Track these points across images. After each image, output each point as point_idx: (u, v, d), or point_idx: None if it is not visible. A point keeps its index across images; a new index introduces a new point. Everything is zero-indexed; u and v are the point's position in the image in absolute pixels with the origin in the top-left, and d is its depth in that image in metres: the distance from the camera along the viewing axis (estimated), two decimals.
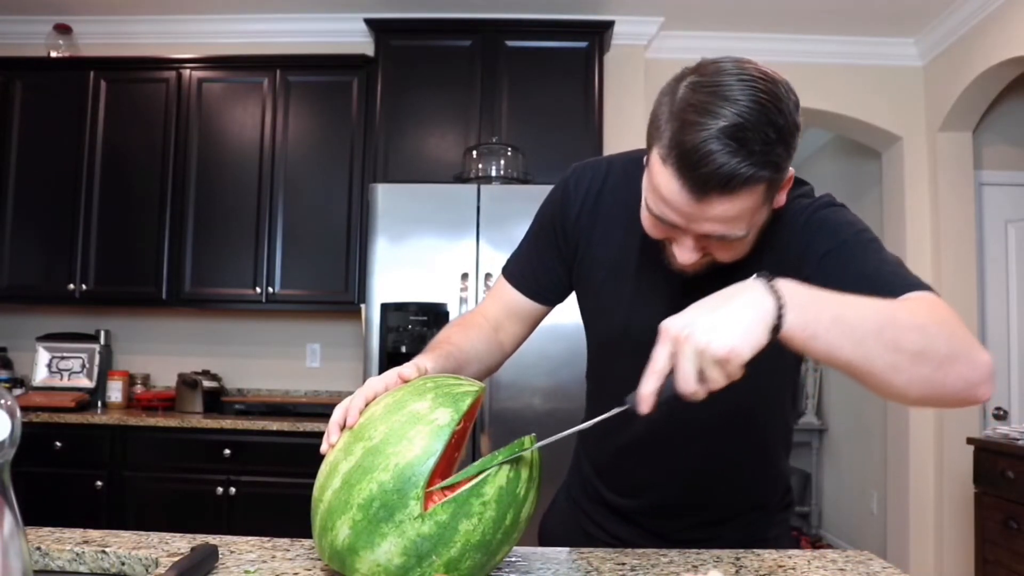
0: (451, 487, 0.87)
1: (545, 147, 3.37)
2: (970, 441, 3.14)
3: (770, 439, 1.16)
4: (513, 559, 1.02)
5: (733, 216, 0.85)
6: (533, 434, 0.92)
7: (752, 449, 1.14)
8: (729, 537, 1.13)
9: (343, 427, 0.91)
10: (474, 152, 3.28)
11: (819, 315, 0.74)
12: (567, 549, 1.09)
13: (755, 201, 0.85)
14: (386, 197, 3.08)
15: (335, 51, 3.72)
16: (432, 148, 3.45)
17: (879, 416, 4.37)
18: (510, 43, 3.48)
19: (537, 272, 1.17)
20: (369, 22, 3.53)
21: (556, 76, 3.46)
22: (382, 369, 3.00)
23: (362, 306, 3.23)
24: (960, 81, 3.62)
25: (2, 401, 0.68)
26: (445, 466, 0.88)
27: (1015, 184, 3.90)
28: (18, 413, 0.69)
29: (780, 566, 1.02)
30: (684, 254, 0.91)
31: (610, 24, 3.51)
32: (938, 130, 3.82)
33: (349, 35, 3.80)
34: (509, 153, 3.25)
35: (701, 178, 0.81)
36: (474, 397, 0.91)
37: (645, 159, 0.93)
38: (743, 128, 0.80)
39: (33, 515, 0.95)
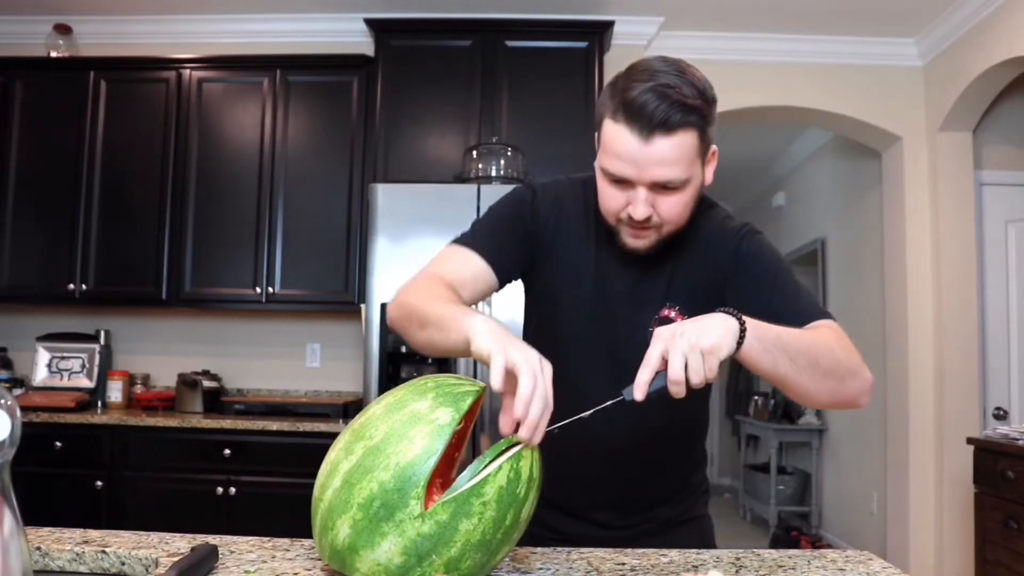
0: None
1: (545, 147, 3.37)
2: (970, 441, 3.14)
3: (694, 435, 1.33)
4: (513, 559, 1.02)
5: (674, 157, 1.03)
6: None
7: (680, 446, 1.31)
8: (664, 516, 1.27)
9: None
10: (474, 152, 3.28)
11: (767, 336, 0.96)
12: (567, 549, 1.09)
13: (690, 146, 1.04)
14: (386, 197, 3.08)
15: (335, 51, 3.72)
16: (432, 148, 3.45)
17: (879, 416, 4.36)
18: (510, 43, 3.48)
19: (503, 249, 1.22)
20: (369, 22, 3.53)
21: (556, 76, 3.46)
22: (382, 369, 3.01)
23: (362, 306, 3.23)
24: (960, 81, 3.61)
25: (2, 401, 0.68)
26: (445, 466, 0.89)
27: (1015, 184, 3.89)
28: (18, 413, 0.69)
29: (780, 566, 1.02)
30: (639, 208, 1.07)
31: (610, 24, 3.51)
32: (938, 130, 3.82)
33: (349, 35, 3.80)
34: (509, 153, 3.25)
35: (645, 119, 1.02)
36: (475, 397, 0.91)
37: (596, 139, 1.12)
38: (669, 86, 1.03)
39: (33, 515, 0.95)
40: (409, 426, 0.86)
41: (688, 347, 0.87)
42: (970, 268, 3.77)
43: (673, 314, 1.18)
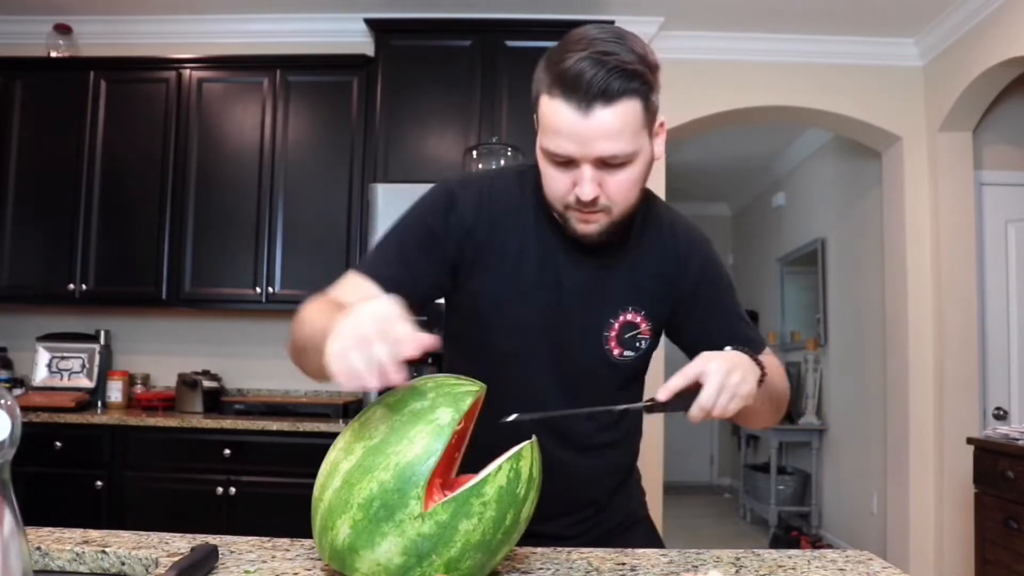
0: (452, 487, 0.87)
1: None
2: (970, 441, 3.14)
3: (635, 440, 1.30)
4: (513, 559, 1.02)
5: (618, 128, 0.96)
6: (533, 439, 0.92)
7: (623, 455, 1.28)
8: (613, 520, 1.25)
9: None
10: (474, 152, 3.28)
11: (764, 385, 1.03)
12: (567, 549, 1.09)
13: (634, 115, 0.97)
14: (386, 197, 3.08)
15: (335, 51, 3.72)
16: (432, 148, 3.45)
17: (879, 416, 4.37)
18: (510, 43, 3.48)
19: (405, 272, 1.09)
20: (369, 22, 3.53)
21: None
22: None
23: None
24: (960, 81, 3.61)
25: (2, 401, 0.68)
26: (445, 466, 0.89)
27: (1015, 184, 3.89)
28: (18, 413, 0.69)
29: (780, 566, 1.02)
30: (585, 187, 0.99)
31: (610, 24, 3.50)
32: (938, 130, 3.82)
33: (349, 35, 3.80)
34: (509, 153, 3.25)
35: (583, 90, 0.94)
36: (475, 397, 0.91)
37: (535, 120, 1.04)
38: (607, 52, 0.95)
39: (33, 515, 0.95)
40: (409, 426, 0.86)
41: (732, 386, 0.94)
42: (970, 268, 3.77)
43: (639, 319, 1.13)
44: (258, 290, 3.50)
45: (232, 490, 3.12)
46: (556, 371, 1.14)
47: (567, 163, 1.00)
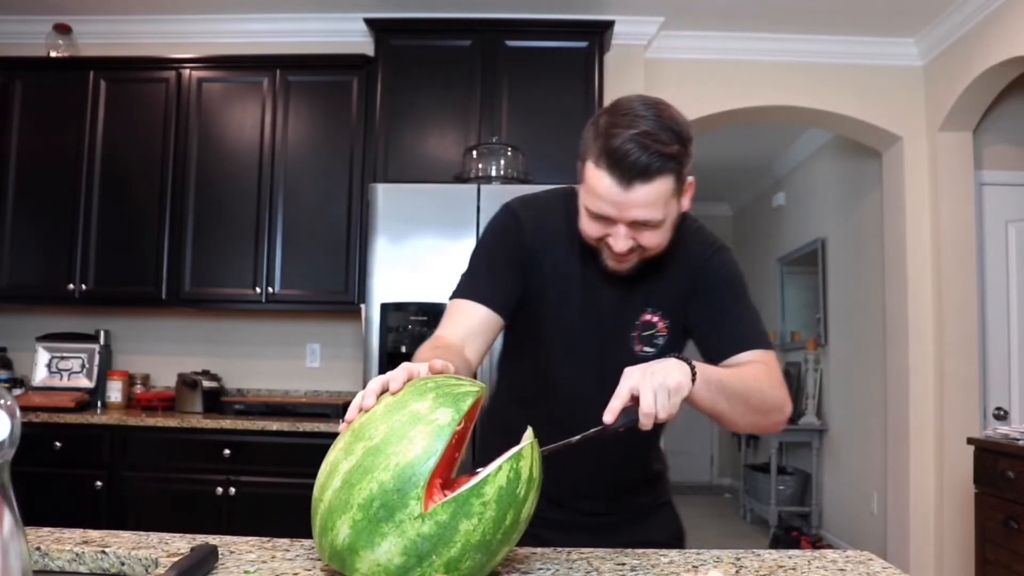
0: (452, 487, 0.87)
1: (545, 147, 3.37)
2: (970, 441, 3.14)
3: (658, 432, 1.39)
4: (513, 559, 1.02)
5: (652, 200, 1.11)
6: (534, 439, 0.92)
7: (649, 442, 1.41)
8: (639, 502, 1.40)
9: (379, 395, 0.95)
10: (474, 152, 3.28)
11: (711, 379, 1.08)
12: (567, 549, 1.09)
13: (667, 189, 1.12)
14: (386, 197, 3.08)
15: (335, 51, 3.72)
16: (432, 148, 3.44)
17: (879, 416, 4.36)
18: (510, 43, 3.47)
19: (502, 287, 1.28)
20: (369, 22, 3.53)
21: (556, 76, 3.45)
22: (382, 369, 3.00)
23: (362, 306, 3.22)
24: (960, 81, 3.62)
25: (2, 401, 0.67)
26: (445, 466, 0.88)
27: (1015, 184, 3.89)
28: (18, 413, 0.69)
29: (780, 566, 1.02)
30: (619, 242, 1.16)
31: (610, 24, 3.51)
32: (938, 130, 3.82)
33: (349, 35, 3.80)
34: (509, 153, 3.25)
35: (626, 169, 1.09)
36: (475, 397, 0.91)
37: (579, 176, 1.19)
38: (648, 134, 1.09)
39: (33, 515, 0.95)
40: (409, 426, 0.86)
41: (657, 385, 0.98)
42: (970, 268, 3.77)
43: (656, 318, 1.29)
44: (258, 290, 3.50)
45: (232, 490, 3.12)
46: (596, 364, 1.29)
47: (604, 219, 1.16)
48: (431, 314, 2.97)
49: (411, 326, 3.01)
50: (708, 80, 3.92)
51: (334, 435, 0.97)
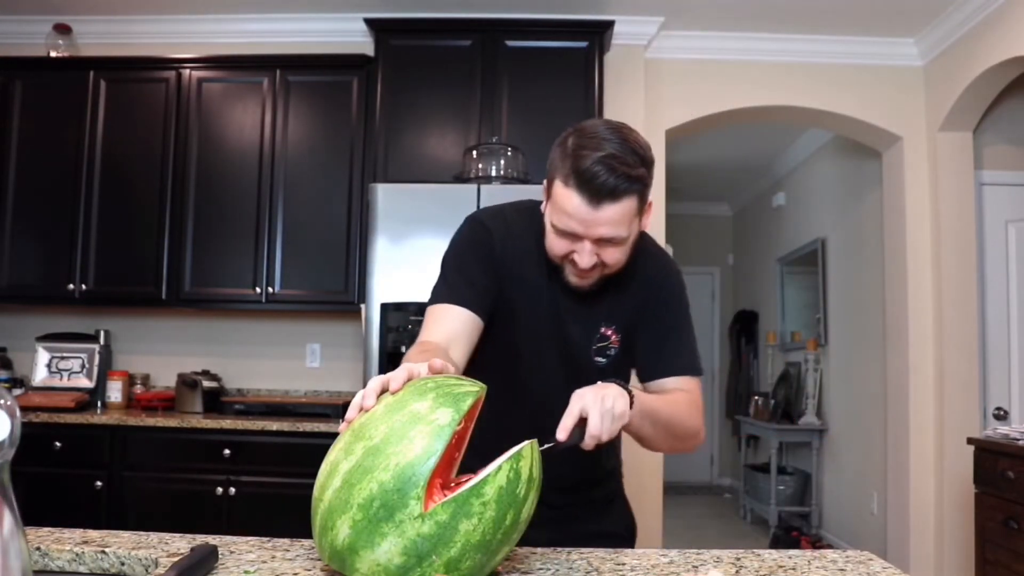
0: (452, 487, 0.87)
1: (545, 147, 3.29)
2: (970, 441, 3.14)
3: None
4: (513, 559, 1.02)
5: (618, 219, 1.18)
6: (534, 440, 0.92)
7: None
8: (597, 495, 1.47)
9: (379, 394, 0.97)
10: (474, 152, 3.28)
11: (644, 408, 1.16)
12: (567, 549, 1.09)
13: (632, 208, 1.19)
14: (386, 197, 3.08)
15: (335, 51, 3.72)
16: (432, 148, 3.44)
17: (879, 416, 4.37)
18: (510, 43, 3.47)
19: (477, 289, 1.32)
20: (369, 22, 3.53)
21: (556, 76, 3.45)
22: (382, 369, 3.00)
23: (362, 306, 3.22)
24: (960, 81, 3.61)
25: (2, 401, 0.67)
26: (445, 466, 0.88)
27: (1015, 184, 3.89)
28: (18, 413, 0.69)
29: (780, 566, 1.02)
30: (584, 258, 1.22)
31: (610, 24, 3.51)
32: (938, 130, 3.82)
33: (349, 35, 3.80)
34: (509, 153, 3.25)
35: (595, 189, 1.15)
36: (475, 397, 0.91)
37: (545, 193, 1.26)
38: (615, 157, 1.15)
39: (33, 515, 0.95)
40: (409, 426, 0.86)
41: (605, 411, 1.04)
42: (970, 268, 3.77)
43: (611, 332, 1.37)
44: (258, 290, 3.50)
45: (232, 490, 3.12)
46: (562, 370, 1.36)
47: (570, 235, 1.21)
48: None
49: (411, 326, 3.01)
50: (708, 80, 3.92)
51: (334, 435, 0.97)
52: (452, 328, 1.27)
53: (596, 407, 1.04)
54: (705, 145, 5.57)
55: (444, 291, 1.33)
